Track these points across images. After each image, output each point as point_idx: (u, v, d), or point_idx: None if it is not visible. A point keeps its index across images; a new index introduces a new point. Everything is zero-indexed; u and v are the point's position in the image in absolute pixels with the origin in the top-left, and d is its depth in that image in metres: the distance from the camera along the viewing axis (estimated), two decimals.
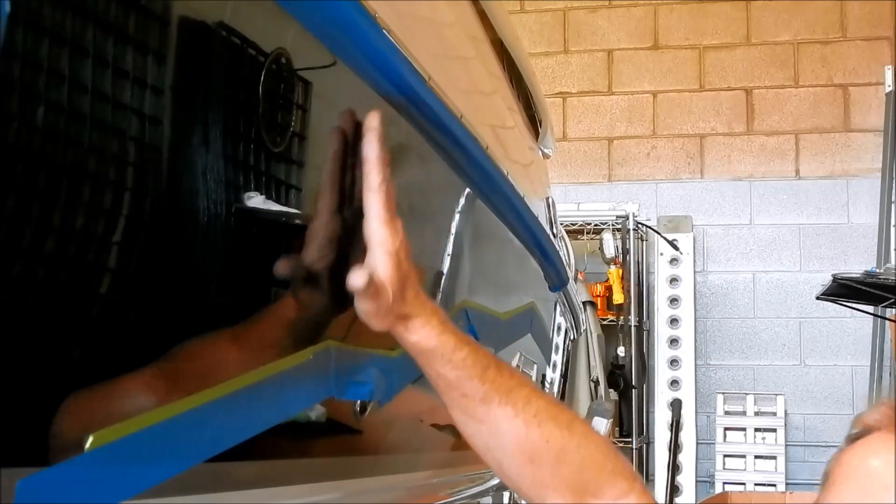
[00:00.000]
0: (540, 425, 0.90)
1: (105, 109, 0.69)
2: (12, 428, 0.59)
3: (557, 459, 0.91)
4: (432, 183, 1.27)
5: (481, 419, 0.93)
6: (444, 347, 0.91)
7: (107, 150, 0.70)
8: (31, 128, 0.61)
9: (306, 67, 1.00)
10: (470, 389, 0.91)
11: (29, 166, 0.62)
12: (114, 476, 0.68)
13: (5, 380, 0.60)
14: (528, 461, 0.92)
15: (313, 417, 1.09)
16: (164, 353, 0.77)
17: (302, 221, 0.97)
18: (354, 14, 0.96)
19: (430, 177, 1.30)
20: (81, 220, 0.69)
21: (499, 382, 0.91)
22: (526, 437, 0.91)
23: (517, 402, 0.91)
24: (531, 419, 0.90)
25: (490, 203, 1.62)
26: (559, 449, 0.91)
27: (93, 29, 0.67)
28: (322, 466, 1.17)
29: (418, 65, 1.12)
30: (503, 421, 0.91)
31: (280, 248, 0.96)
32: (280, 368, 0.96)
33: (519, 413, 0.91)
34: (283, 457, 1.05)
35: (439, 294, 1.36)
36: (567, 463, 0.91)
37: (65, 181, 0.66)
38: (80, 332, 0.69)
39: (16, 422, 0.60)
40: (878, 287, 3.50)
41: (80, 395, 0.66)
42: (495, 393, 0.91)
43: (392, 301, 0.87)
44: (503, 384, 0.91)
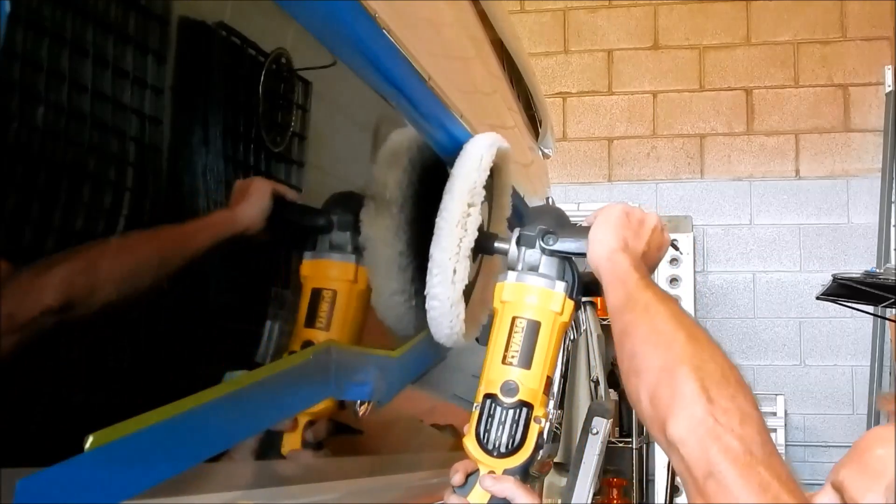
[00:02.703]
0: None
1: (105, 109, 0.69)
2: (12, 428, 0.59)
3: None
4: (432, 183, 1.26)
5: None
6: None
7: (107, 149, 0.70)
8: (31, 128, 0.61)
9: (306, 67, 1.00)
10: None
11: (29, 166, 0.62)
12: (114, 476, 0.68)
13: (5, 380, 0.60)
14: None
15: None
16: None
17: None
18: (354, 14, 0.96)
19: (429, 176, 1.30)
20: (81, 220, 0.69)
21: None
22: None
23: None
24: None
25: None
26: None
27: (93, 29, 0.67)
28: (322, 466, 1.17)
29: (418, 65, 1.12)
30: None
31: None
32: (280, 368, 0.96)
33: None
34: (283, 457, 1.05)
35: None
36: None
37: (65, 181, 0.66)
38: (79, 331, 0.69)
39: (16, 422, 0.60)
40: (878, 287, 3.50)
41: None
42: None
43: None
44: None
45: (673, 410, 0.88)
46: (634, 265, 1.06)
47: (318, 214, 1.09)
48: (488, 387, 1.09)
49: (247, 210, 0.92)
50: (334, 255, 1.10)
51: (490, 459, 1.08)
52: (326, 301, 1.08)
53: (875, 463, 0.90)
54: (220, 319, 0.90)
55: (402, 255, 1.16)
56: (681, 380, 0.89)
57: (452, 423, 1.75)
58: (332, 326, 1.08)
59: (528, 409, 1.08)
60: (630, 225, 1.10)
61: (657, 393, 0.91)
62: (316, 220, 1.08)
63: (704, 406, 0.86)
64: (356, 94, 1.12)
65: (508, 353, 1.10)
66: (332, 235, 1.09)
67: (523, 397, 1.08)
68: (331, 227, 1.09)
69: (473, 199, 1.13)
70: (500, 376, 1.09)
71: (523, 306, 1.11)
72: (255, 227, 0.92)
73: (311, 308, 1.07)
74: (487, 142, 1.20)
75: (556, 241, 1.13)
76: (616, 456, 4.70)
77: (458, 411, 1.58)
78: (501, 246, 1.18)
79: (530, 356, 1.09)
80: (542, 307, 1.11)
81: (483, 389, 1.10)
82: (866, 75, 5.06)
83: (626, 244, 1.08)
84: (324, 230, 1.09)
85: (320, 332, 1.07)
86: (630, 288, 1.03)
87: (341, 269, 1.10)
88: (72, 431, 0.64)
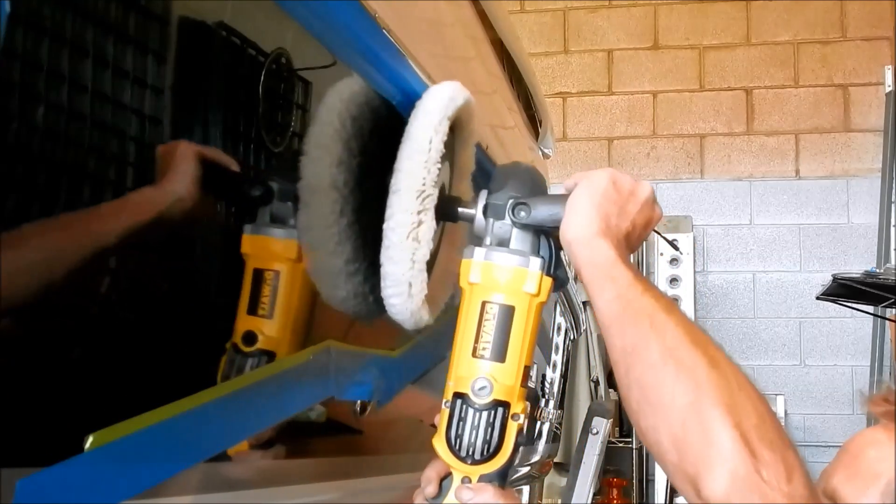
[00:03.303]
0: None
1: (105, 109, 0.69)
2: (12, 428, 0.59)
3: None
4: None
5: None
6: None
7: (107, 149, 0.70)
8: (30, 128, 0.61)
9: (306, 67, 1.00)
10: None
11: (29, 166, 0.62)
12: (114, 476, 0.68)
13: (5, 380, 0.60)
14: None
15: (313, 417, 1.09)
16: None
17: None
18: (354, 14, 0.96)
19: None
20: None
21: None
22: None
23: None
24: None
25: None
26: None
27: (93, 29, 0.67)
28: (322, 466, 1.17)
29: (418, 65, 1.12)
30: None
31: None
32: (280, 368, 0.96)
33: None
34: (283, 457, 1.05)
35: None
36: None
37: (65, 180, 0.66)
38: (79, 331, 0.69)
39: (16, 422, 0.60)
40: (878, 287, 3.50)
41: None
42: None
43: None
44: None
45: (709, 464, 0.77)
46: (620, 255, 0.90)
47: (254, 183, 0.95)
48: (458, 384, 0.96)
49: (172, 183, 0.79)
50: (275, 229, 0.95)
51: (464, 466, 0.96)
52: (269, 284, 0.95)
53: (868, 466, 0.89)
54: (153, 309, 0.80)
55: (347, 233, 1.00)
56: (715, 426, 0.78)
57: None
58: (276, 314, 0.95)
59: (503, 408, 0.95)
60: (616, 198, 0.94)
61: (685, 439, 0.79)
62: (252, 189, 0.94)
63: (747, 460, 0.76)
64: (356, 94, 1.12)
65: (479, 344, 0.96)
66: (273, 206, 0.94)
67: (498, 396, 0.95)
68: (270, 196, 0.94)
69: (429, 174, 0.97)
70: (471, 372, 0.95)
71: (494, 289, 0.96)
72: (183, 201, 0.81)
73: (254, 292, 0.94)
74: (445, 97, 1.01)
75: (530, 213, 0.97)
76: (616, 456, 4.70)
77: None
78: (466, 212, 1.02)
79: (504, 347, 0.96)
80: (516, 289, 0.96)
81: (452, 387, 0.96)
82: (866, 75, 5.06)
83: (607, 225, 0.92)
84: (262, 200, 0.94)
85: (263, 320, 0.94)
86: (623, 289, 0.88)
87: (284, 246, 0.96)
88: (72, 431, 0.64)
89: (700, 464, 0.77)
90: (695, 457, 0.78)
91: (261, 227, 0.95)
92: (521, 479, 2.47)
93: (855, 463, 0.91)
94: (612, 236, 0.92)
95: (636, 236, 0.96)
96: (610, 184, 0.94)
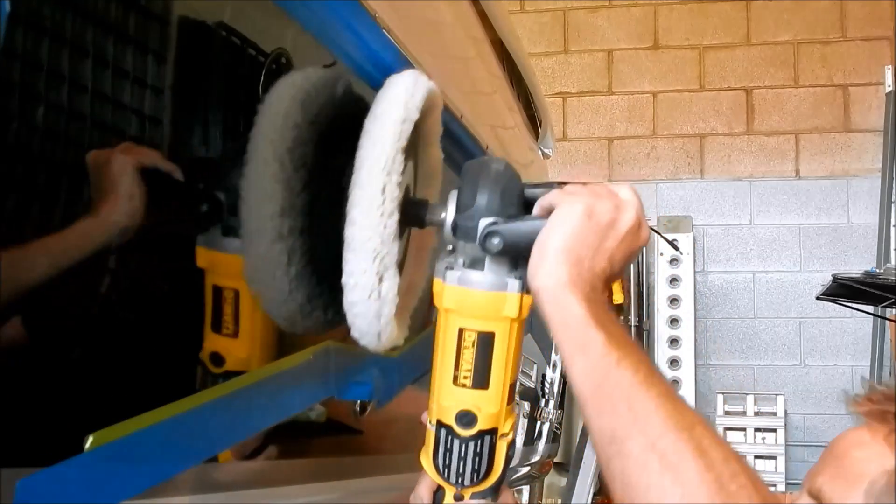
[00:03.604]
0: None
1: (105, 109, 0.69)
2: (12, 428, 0.59)
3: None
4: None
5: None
6: None
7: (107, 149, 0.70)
8: (31, 128, 0.61)
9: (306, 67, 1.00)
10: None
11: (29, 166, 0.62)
12: (114, 476, 0.67)
13: (5, 380, 0.60)
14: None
15: (313, 417, 1.09)
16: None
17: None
18: (354, 14, 0.96)
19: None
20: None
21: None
22: None
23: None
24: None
25: None
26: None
27: (93, 29, 0.67)
28: (322, 466, 1.17)
29: (418, 65, 1.12)
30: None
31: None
32: (280, 368, 0.96)
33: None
34: (283, 457, 1.05)
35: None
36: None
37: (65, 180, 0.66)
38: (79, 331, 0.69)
39: (16, 422, 0.60)
40: (878, 287, 3.50)
41: None
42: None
43: None
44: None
45: None
46: (592, 311, 0.80)
47: (201, 195, 0.85)
48: (441, 414, 0.89)
49: (112, 212, 0.72)
50: (229, 243, 0.85)
51: (454, 487, 0.92)
52: (229, 303, 0.87)
53: (852, 466, 0.89)
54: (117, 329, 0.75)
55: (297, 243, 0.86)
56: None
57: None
58: (242, 334, 0.88)
59: (491, 435, 0.89)
60: (591, 238, 0.82)
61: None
62: (199, 203, 0.85)
63: None
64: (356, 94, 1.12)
65: (460, 372, 0.87)
66: (225, 218, 0.85)
67: (484, 426, 0.88)
68: (220, 209, 0.85)
69: (390, 177, 0.84)
70: (454, 403, 0.88)
71: (471, 316, 0.87)
72: (127, 230, 0.74)
73: (215, 310, 0.87)
74: (404, 92, 0.88)
75: (503, 242, 0.85)
76: None
77: None
78: (435, 217, 0.90)
79: (486, 374, 0.88)
80: (495, 315, 0.87)
81: (435, 412, 0.90)
82: (866, 75, 5.06)
83: (578, 272, 0.81)
84: (212, 214, 0.85)
85: (228, 339, 0.87)
86: (595, 360, 0.78)
87: (238, 263, 0.84)
88: (72, 431, 0.64)
89: None
90: None
91: (213, 240, 0.86)
92: (521, 479, 2.47)
93: (839, 463, 0.91)
94: (583, 285, 0.81)
95: (616, 271, 0.85)
96: (584, 220, 0.83)
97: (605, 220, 0.84)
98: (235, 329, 0.87)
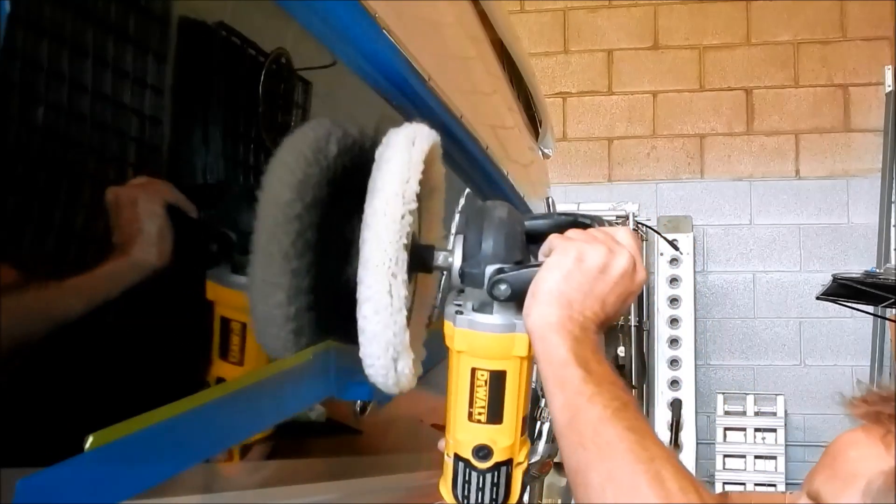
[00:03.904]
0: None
1: (105, 109, 0.69)
2: (12, 428, 0.59)
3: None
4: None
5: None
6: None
7: (107, 149, 0.70)
8: (31, 128, 0.61)
9: (306, 67, 1.00)
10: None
11: (29, 166, 0.62)
12: (114, 476, 0.67)
13: (5, 380, 0.60)
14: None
15: (313, 417, 1.09)
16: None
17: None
18: (354, 14, 0.96)
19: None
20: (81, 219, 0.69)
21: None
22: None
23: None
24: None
25: None
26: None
27: (93, 29, 0.67)
28: (322, 466, 1.17)
29: (418, 65, 1.12)
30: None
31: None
32: (280, 368, 0.96)
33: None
34: (283, 457, 1.05)
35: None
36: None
37: (65, 180, 0.66)
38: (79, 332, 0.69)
39: (16, 422, 0.60)
40: (878, 287, 3.50)
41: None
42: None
43: None
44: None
45: None
46: (574, 351, 0.84)
47: (213, 233, 0.90)
48: (458, 448, 0.93)
49: (142, 253, 0.77)
50: (237, 280, 0.88)
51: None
52: (237, 334, 0.91)
53: (847, 466, 0.90)
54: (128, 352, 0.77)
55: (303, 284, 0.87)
56: None
57: None
58: (247, 363, 0.91)
59: (507, 466, 0.93)
60: (581, 282, 0.87)
61: None
62: (211, 241, 0.89)
63: None
64: (356, 94, 1.12)
65: (474, 409, 0.92)
66: (234, 256, 0.89)
67: (500, 458, 0.93)
68: (230, 246, 0.89)
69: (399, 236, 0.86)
70: (470, 438, 0.92)
71: (482, 356, 0.91)
72: (155, 268, 0.78)
73: (223, 338, 0.91)
74: (406, 151, 0.88)
75: (510, 290, 0.88)
76: None
77: None
78: (442, 262, 0.94)
79: (500, 410, 0.92)
80: (505, 354, 0.91)
81: (452, 446, 0.93)
82: (866, 75, 5.06)
83: (569, 315, 0.86)
84: (221, 253, 0.89)
85: (234, 367, 0.91)
86: (570, 396, 0.83)
87: (244, 299, 0.86)
88: (72, 431, 0.64)
89: None
90: None
91: (222, 276, 0.90)
92: None
93: (835, 464, 0.91)
94: (572, 326, 0.86)
95: (611, 313, 0.89)
96: (575, 264, 0.87)
97: (595, 264, 0.87)
98: (241, 358, 0.91)
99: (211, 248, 0.89)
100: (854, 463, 0.89)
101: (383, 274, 0.85)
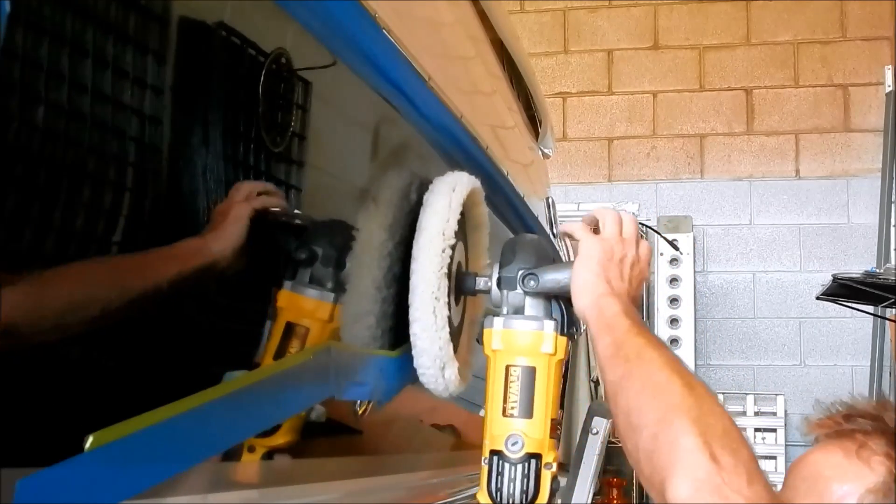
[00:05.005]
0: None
1: (105, 109, 0.69)
2: (12, 428, 0.59)
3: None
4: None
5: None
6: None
7: (107, 149, 0.70)
8: (31, 128, 0.61)
9: (306, 67, 1.00)
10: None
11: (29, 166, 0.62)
12: (114, 476, 0.67)
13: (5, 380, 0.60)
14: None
15: (313, 417, 1.09)
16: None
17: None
18: (354, 14, 0.96)
19: (429, 176, 1.30)
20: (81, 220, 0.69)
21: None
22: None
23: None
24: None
25: (490, 203, 1.62)
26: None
27: (93, 29, 0.67)
28: (322, 466, 1.17)
29: (418, 65, 1.12)
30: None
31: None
32: (280, 368, 0.96)
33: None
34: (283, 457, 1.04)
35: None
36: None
37: (65, 181, 0.66)
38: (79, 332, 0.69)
39: (16, 422, 0.60)
40: (878, 287, 3.50)
41: None
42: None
43: None
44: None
45: (673, 469, 0.80)
46: (624, 310, 1.00)
47: (301, 244, 1.02)
48: (493, 442, 1.06)
49: (220, 239, 0.86)
50: (312, 290, 1.02)
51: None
52: (298, 338, 1.01)
53: (828, 488, 0.90)
54: (189, 347, 0.85)
55: (384, 303, 1.09)
56: (680, 435, 0.82)
57: (452, 423, 1.75)
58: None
59: (536, 459, 1.05)
60: (613, 264, 1.06)
61: (655, 450, 0.83)
62: (298, 251, 1.02)
63: (708, 464, 0.79)
64: (356, 94, 1.12)
65: (508, 404, 1.06)
66: (314, 268, 1.02)
67: (530, 449, 1.05)
68: (314, 259, 1.02)
69: (443, 259, 1.07)
70: (504, 430, 1.06)
71: (514, 353, 1.08)
72: (228, 255, 0.87)
73: (283, 342, 1.00)
74: (447, 196, 1.10)
75: (539, 282, 1.09)
76: (616, 456, 4.69)
77: (459, 411, 1.58)
78: (482, 287, 1.15)
79: (530, 404, 1.06)
80: (535, 351, 1.07)
81: (488, 445, 1.07)
82: (866, 75, 5.06)
83: (611, 287, 1.04)
84: (305, 262, 1.02)
85: None
86: (619, 335, 0.97)
87: (318, 307, 1.03)
88: (72, 431, 0.64)
89: (666, 470, 0.81)
90: (662, 465, 0.82)
91: (299, 286, 1.02)
92: None
93: (812, 486, 0.91)
94: (616, 296, 1.02)
95: (634, 291, 1.07)
96: (606, 253, 1.06)
97: (619, 255, 1.07)
98: None
99: (299, 258, 1.02)
100: (832, 482, 0.89)
101: (428, 298, 1.05)
